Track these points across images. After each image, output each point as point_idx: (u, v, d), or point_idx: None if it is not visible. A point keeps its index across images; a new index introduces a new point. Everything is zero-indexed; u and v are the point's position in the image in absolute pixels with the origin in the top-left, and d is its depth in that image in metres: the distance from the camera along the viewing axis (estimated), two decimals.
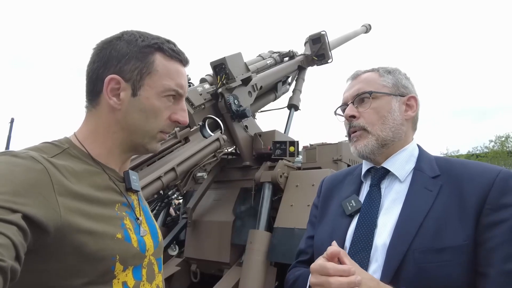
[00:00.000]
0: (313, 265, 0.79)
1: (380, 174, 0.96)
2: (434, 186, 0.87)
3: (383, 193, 0.94)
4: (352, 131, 0.99)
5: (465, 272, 0.77)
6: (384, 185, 0.95)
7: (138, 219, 0.79)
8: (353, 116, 0.97)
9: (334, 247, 0.78)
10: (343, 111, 1.04)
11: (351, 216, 0.95)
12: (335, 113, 1.09)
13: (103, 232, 0.67)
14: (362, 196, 0.99)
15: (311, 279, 0.79)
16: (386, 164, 0.96)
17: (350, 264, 0.76)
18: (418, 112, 1.01)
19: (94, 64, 0.76)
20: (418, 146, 1.00)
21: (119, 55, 0.75)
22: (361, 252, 0.85)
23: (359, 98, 0.98)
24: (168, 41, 0.80)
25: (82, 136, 0.77)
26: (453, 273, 0.76)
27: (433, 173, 0.90)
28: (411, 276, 0.77)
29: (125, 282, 0.70)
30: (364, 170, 1.02)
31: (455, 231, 0.79)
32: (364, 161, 1.04)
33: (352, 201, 0.97)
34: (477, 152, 23.45)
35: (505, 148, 22.32)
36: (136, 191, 0.84)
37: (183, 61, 0.81)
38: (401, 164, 0.94)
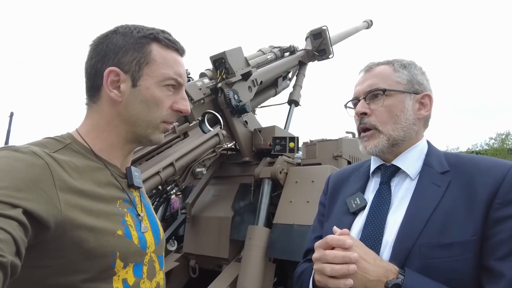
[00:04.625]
0: (317, 242, 0.80)
1: (390, 172, 0.95)
2: (443, 181, 0.85)
3: (393, 191, 0.92)
4: (362, 128, 0.96)
5: (472, 268, 0.76)
6: (394, 183, 0.94)
7: (139, 215, 0.79)
8: (364, 113, 0.95)
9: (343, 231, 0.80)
10: (354, 105, 1.01)
11: (355, 214, 0.94)
12: (346, 106, 1.06)
13: (103, 228, 0.66)
14: (368, 193, 0.98)
15: (314, 255, 0.79)
16: (397, 162, 0.94)
17: (355, 242, 0.77)
18: (431, 110, 0.98)
19: (92, 60, 0.76)
20: (428, 142, 0.99)
21: (116, 48, 0.75)
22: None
23: (372, 95, 0.95)
24: (163, 31, 0.80)
25: (84, 131, 0.76)
26: (460, 269, 0.75)
27: (442, 168, 0.89)
28: (417, 272, 0.76)
29: (125, 279, 0.70)
30: (373, 167, 1.00)
31: (463, 226, 0.78)
32: (372, 158, 1.02)
33: (357, 198, 0.96)
34: (477, 149, 23.44)
35: (505, 145, 22.29)
36: (138, 188, 0.84)
37: (180, 50, 0.82)
38: (412, 161, 0.93)
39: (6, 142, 11.85)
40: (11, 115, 12.63)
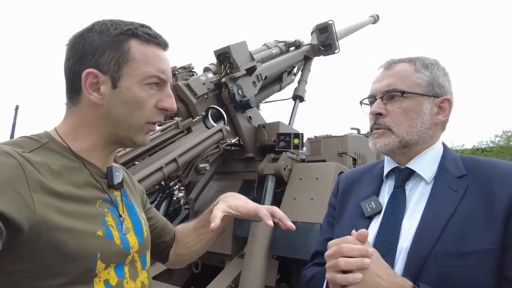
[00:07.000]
0: (331, 241, 0.78)
1: (404, 175, 0.92)
2: (460, 186, 0.82)
3: (408, 195, 0.89)
4: (375, 127, 0.93)
5: (492, 278, 0.72)
6: (408, 187, 0.91)
7: (120, 216, 0.77)
8: (380, 114, 0.91)
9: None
10: (370, 102, 0.98)
11: (370, 218, 0.91)
12: (361, 103, 1.03)
13: (82, 229, 0.64)
14: (383, 197, 0.94)
15: (327, 253, 0.77)
16: (411, 165, 0.91)
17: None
18: (449, 115, 0.94)
19: (69, 61, 0.73)
20: (443, 144, 0.96)
21: (92, 48, 0.71)
22: (384, 256, 0.81)
23: (389, 95, 0.91)
24: (143, 26, 0.76)
25: (63, 131, 0.74)
26: (479, 279, 0.72)
27: (458, 172, 0.85)
28: (433, 281, 0.73)
29: (107, 280, 0.68)
30: (386, 170, 0.97)
31: (482, 234, 0.74)
32: (386, 160, 0.99)
33: (372, 202, 0.93)
34: (483, 146, 23.18)
35: (511, 143, 22.03)
36: (119, 188, 0.81)
37: (161, 45, 0.78)
38: (428, 165, 0.90)
39: (12, 134, 11.98)
40: (16, 108, 12.72)
